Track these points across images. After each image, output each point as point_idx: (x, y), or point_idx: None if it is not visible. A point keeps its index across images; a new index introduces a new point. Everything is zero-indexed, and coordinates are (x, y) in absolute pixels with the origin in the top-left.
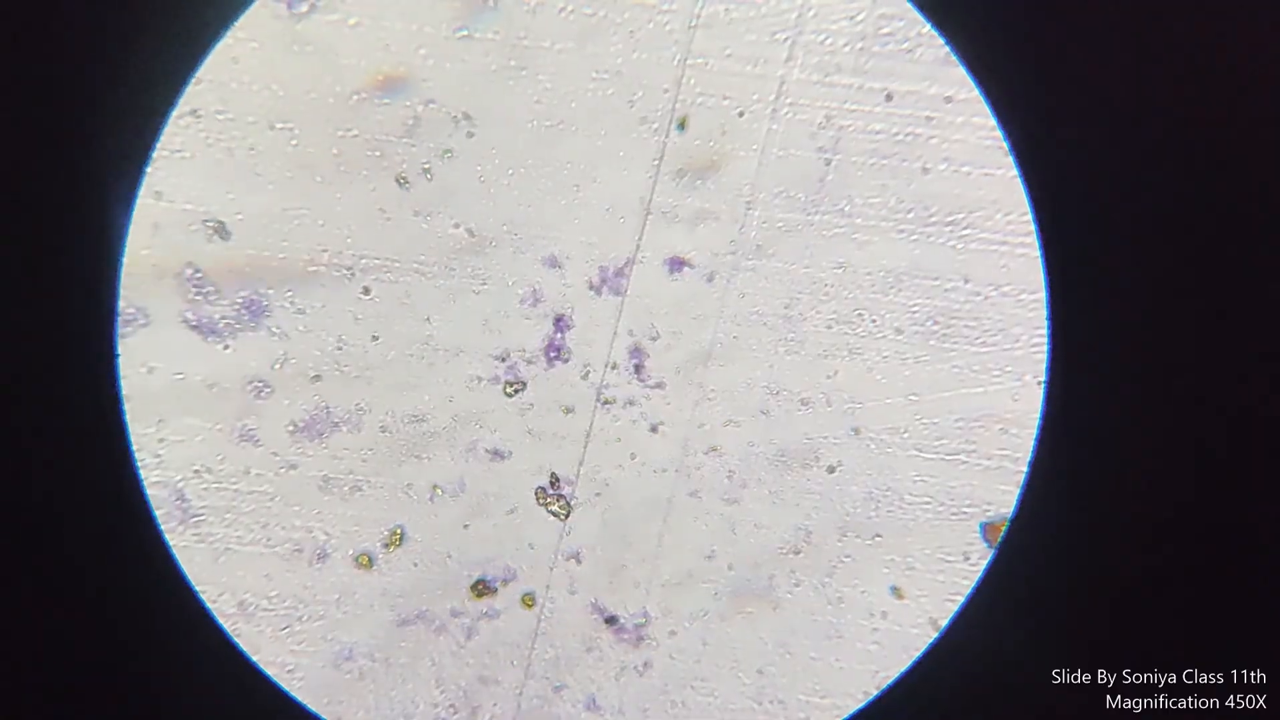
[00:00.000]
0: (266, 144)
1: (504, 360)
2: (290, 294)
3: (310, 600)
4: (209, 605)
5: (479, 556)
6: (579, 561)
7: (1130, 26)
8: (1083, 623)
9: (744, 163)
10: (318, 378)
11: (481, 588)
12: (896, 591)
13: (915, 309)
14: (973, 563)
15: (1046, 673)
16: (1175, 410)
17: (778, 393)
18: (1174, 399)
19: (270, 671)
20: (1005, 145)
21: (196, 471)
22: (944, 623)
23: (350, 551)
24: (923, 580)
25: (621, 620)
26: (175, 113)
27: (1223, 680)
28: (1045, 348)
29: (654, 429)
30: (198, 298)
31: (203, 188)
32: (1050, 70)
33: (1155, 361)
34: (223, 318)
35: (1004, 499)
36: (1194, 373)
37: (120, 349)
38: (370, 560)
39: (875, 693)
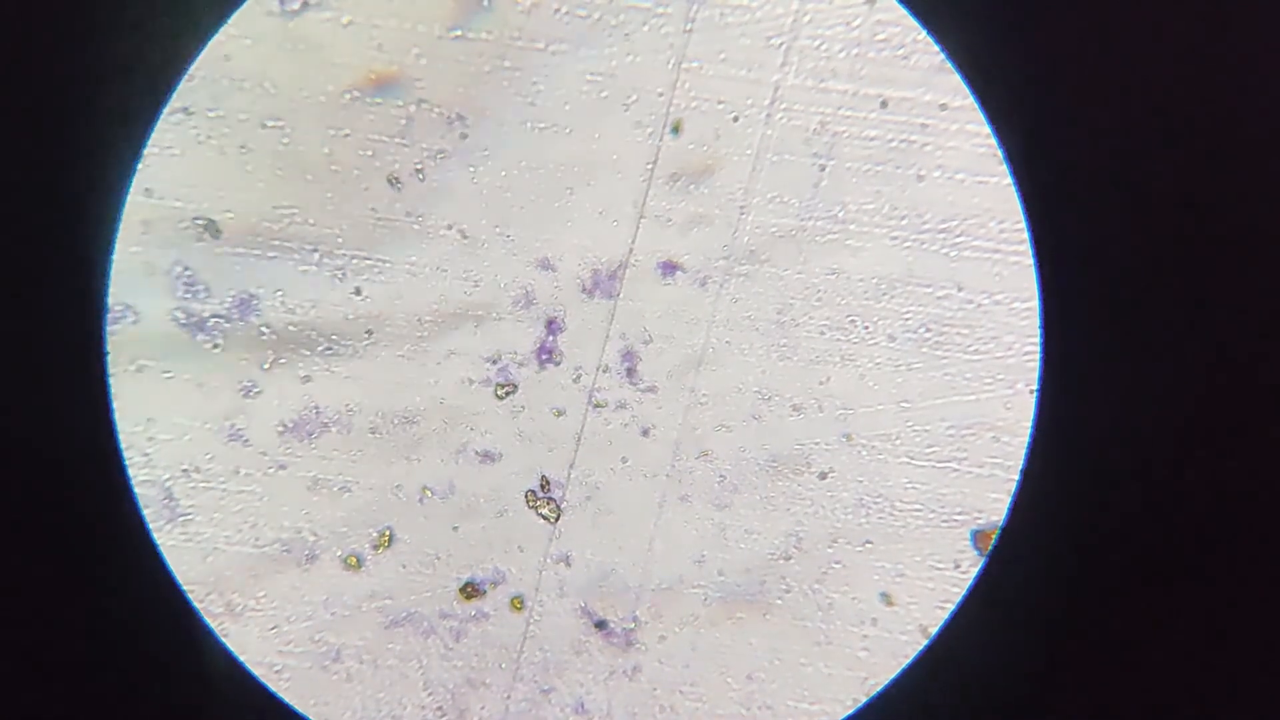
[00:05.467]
0: (258, 142)
1: (495, 362)
2: (280, 294)
3: (298, 601)
4: (196, 605)
5: (468, 559)
6: (569, 565)
7: (1126, 35)
8: (1073, 631)
9: (738, 167)
10: (308, 378)
11: (470, 590)
12: (887, 598)
13: (908, 316)
14: (963, 570)
15: (1036, 681)
16: (1168, 418)
17: (769, 398)
18: (1167, 407)
19: (257, 672)
20: (999, 153)
21: (185, 471)
22: (934, 630)
23: (339, 552)
24: (913, 587)
25: (611, 624)
26: (166, 109)
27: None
28: (1037, 356)
29: (645, 433)
30: (187, 296)
31: (193, 185)
32: (1045, 78)
33: (1148, 369)
34: (212, 316)
35: (995, 507)
36: (1187, 381)
37: (109, 347)
38: (359, 561)
39: (864, 700)
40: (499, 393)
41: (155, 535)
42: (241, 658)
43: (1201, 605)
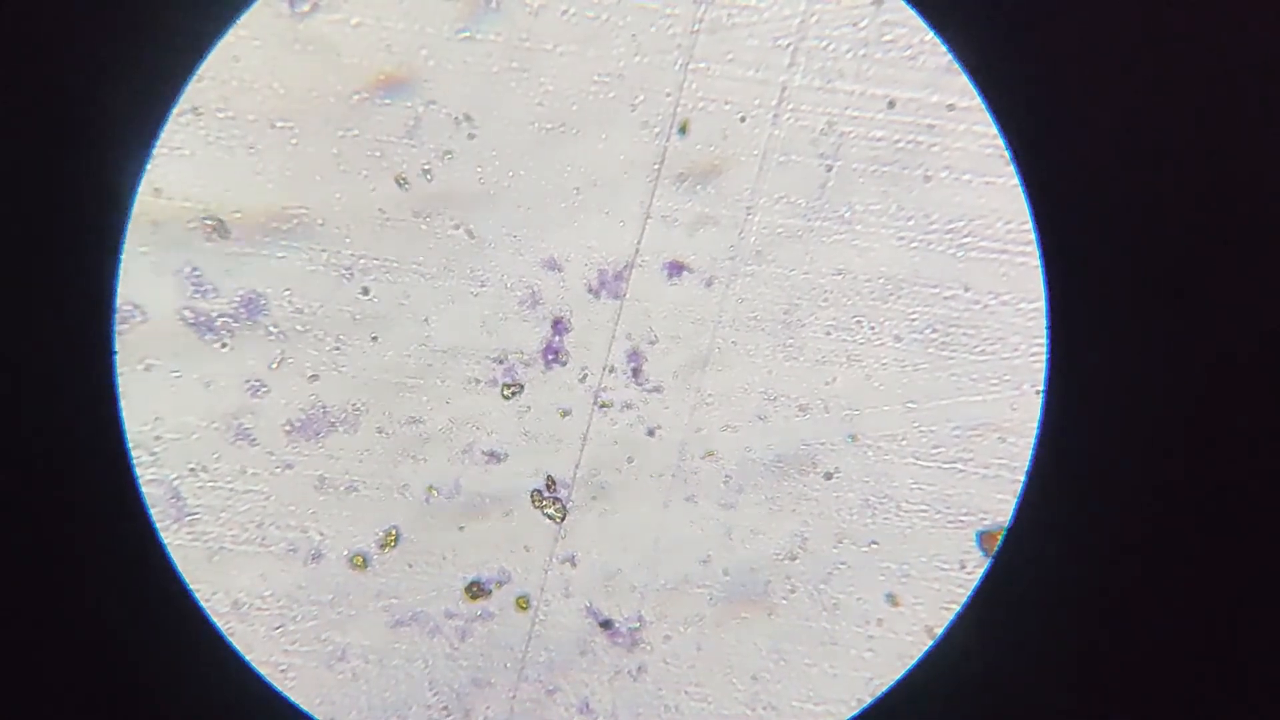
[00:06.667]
0: (266, 143)
1: (502, 362)
2: (288, 293)
3: (304, 600)
4: (203, 604)
5: (474, 559)
6: (574, 565)
7: (1133, 36)
8: (1078, 632)
9: (745, 168)
10: (315, 377)
11: (476, 590)
12: (892, 599)
13: (914, 316)
14: (969, 571)
15: (1041, 682)
16: (1174, 420)
17: (775, 398)
18: (1173, 408)
19: (263, 671)
20: (1006, 153)
21: (192, 470)
22: (939, 631)
23: (345, 552)
24: (918, 588)
25: (616, 624)
26: (176, 110)
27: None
28: (1044, 357)
29: (651, 433)
30: (196, 295)
31: (202, 185)
32: (1052, 78)
33: (1154, 371)
34: (220, 316)
35: (1001, 508)
36: (1193, 382)
37: (117, 346)
38: (365, 561)
39: (869, 700)
40: (505, 392)
41: (162, 534)
42: (248, 656)
43: (1205, 605)
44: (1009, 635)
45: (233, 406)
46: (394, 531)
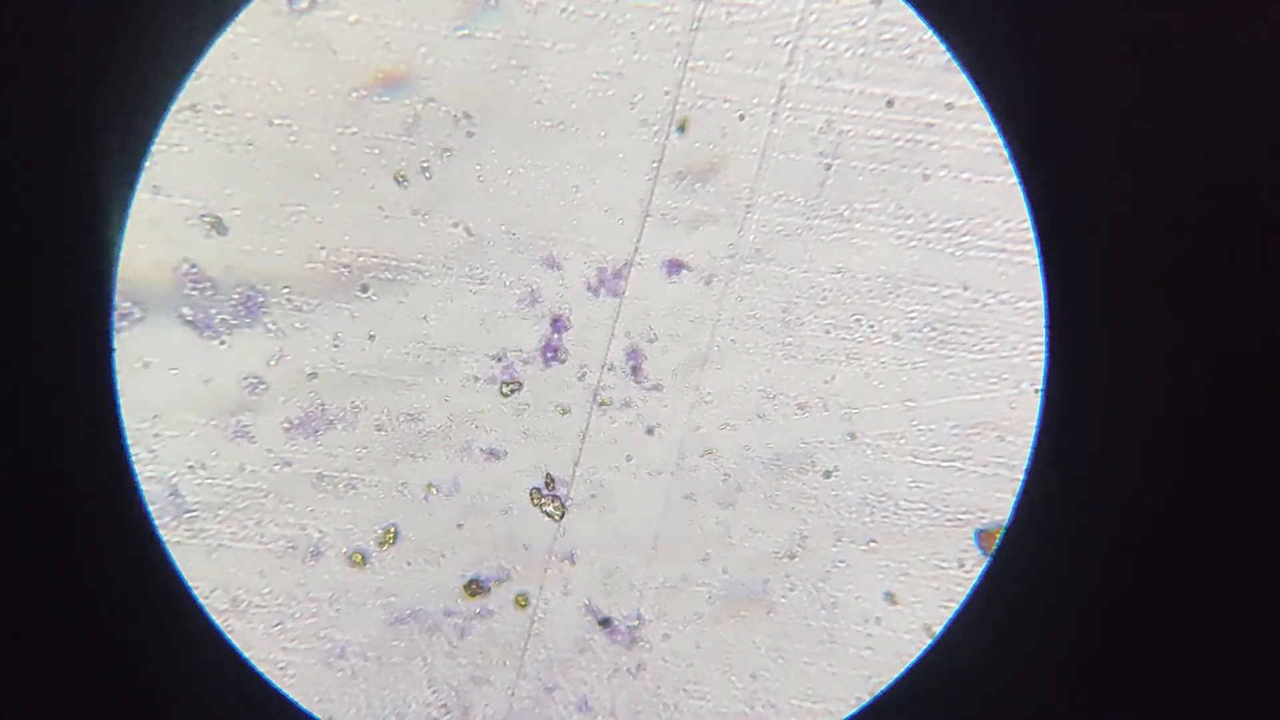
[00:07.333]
0: (265, 140)
1: (500, 360)
2: (287, 291)
3: (303, 598)
4: (202, 601)
5: (473, 556)
6: (573, 563)
7: (1133, 35)
8: (1078, 632)
9: (744, 166)
10: (314, 375)
11: (475, 587)
12: (891, 597)
13: (913, 315)
14: (967, 570)
15: (1039, 682)
16: (1174, 420)
17: (774, 397)
18: (1173, 408)
19: (262, 668)
20: (1005, 152)
21: (190, 467)
22: (938, 629)
23: (344, 549)
24: (917, 586)
25: (615, 622)
26: (174, 107)
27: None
28: (1043, 355)
29: (650, 431)
30: (194, 293)
31: (201, 183)
32: (1051, 77)
33: (1154, 370)
34: (219, 314)
35: (999, 506)
36: (1193, 382)
37: (116, 344)
38: (364, 558)
39: (868, 698)
40: (504, 390)
41: (161, 532)
42: (246, 654)
43: (1205, 605)
44: (1008, 635)
45: (231, 404)
46: (393, 529)
